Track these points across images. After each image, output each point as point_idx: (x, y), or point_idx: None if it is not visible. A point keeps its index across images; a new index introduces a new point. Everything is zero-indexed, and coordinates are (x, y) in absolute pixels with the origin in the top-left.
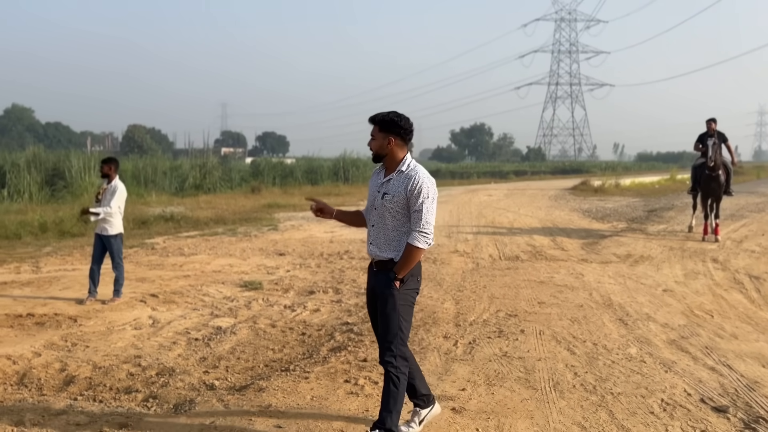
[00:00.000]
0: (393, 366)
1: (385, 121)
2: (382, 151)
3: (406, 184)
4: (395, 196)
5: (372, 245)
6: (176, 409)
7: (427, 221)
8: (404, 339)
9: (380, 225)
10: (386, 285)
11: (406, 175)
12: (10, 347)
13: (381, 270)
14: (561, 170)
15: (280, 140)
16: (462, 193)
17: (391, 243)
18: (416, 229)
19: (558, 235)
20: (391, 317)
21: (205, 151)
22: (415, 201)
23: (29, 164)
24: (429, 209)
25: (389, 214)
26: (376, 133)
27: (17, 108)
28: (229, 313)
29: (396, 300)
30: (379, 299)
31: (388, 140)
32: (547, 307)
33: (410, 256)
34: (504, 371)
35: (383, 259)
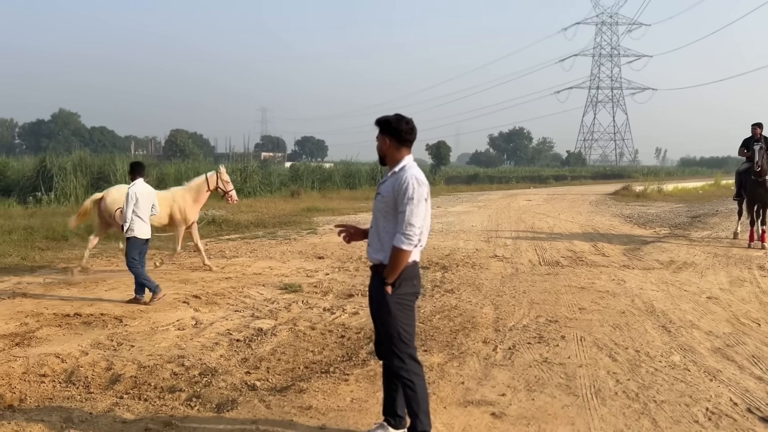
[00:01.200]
0: (404, 370)
1: (383, 123)
2: (381, 153)
3: (394, 185)
4: (385, 196)
5: (369, 247)
6: (219, 408)
7: (410, 222)
8: (409, 341)
9: (374, 227)
10: (379, 290)
11: (397, 176)
12: (58, 346)
13: (375, 274)
14: (602, 175)
15: (319, 144)
16: (500, 197)
17: (382, 245)
18: (399, 230)
19: (599, 241)
20: (388, 322)
21: (245, 156)
22: (400, 201)
23: (75, 168)
24: (413, 211)
25: (381, 215)
26: (378, 136)
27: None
28: (270, 315)
29: (390, 305)
30: (374, 304)
31: (385, 141)
32: (588, 313)
33: (396, 257)
34: (544, 377)
35: (375, 262)
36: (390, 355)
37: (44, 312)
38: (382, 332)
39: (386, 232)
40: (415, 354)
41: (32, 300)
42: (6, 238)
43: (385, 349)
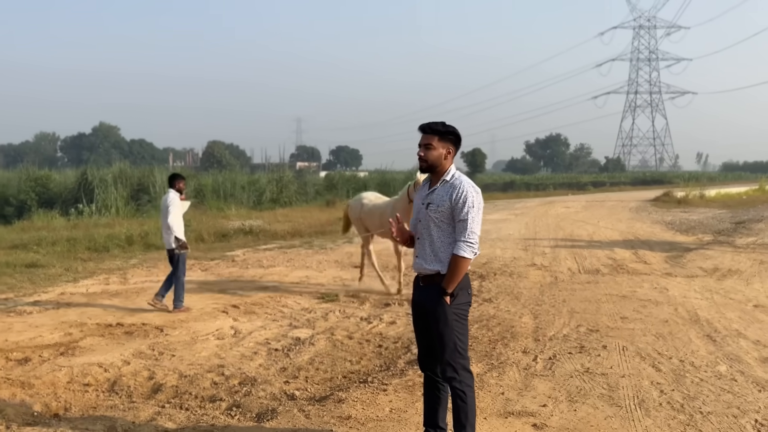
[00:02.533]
0: (457, 381)
1: (447, 132)
2: (438, 162)
3: (450, 194)
4: (440, 206)
5: (418, 259)
6: (259, 418)
7: (473, 230)
8: (463, 351)
9: (426, 237)
10: (436, 301)
11: (450, 184)
12: (101, 355)
13: (428, 285)
14: (641, 181)
15: (353, 154)
16: (538, 205)
17: (437, 255)
18: (462, 238)
19: (640, 248)
20: (445, 333)
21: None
22: (460, 210)
23: (116, 180)
24: (474, 219)
25: (434, 225)
26: (436, 143)
27: (104, 126)
28: (307, 324)
29: (448, 316)
30: (429, 316)
31: (447, 150)
32: (630, 322)
33: (457, 267)
34: (586, 388)
35: (429, 272)
36: (444, 366)
37: (87, 322)
38: (436, 343)
39: (441, 242)
40: (469, 365)
41: (76, 310)
42: (50, 250)
43: (439, 361)
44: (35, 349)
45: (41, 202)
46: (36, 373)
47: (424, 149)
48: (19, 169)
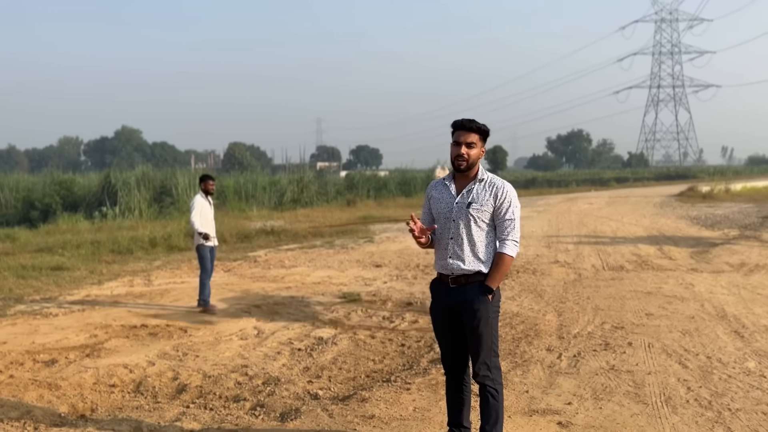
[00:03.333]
0: (489, 379)
1: (486, 132)
2: (477, 161)
3: (494, 193)
4: (483, 204)
5: (452, 259)
6: (283, 417)
7: (518, 229)
8: (497, 350)
9: (464, 236)
10: (479, 300)
11: (489, 183)
12: (126, 356)
13: (464, 285)
14: (665, 176)
15: (374, 153)
16: (560, 201)
17: (477, 255)
18: (509, 237)
19: (665, 244)
20: (485, 333)
21: (301, 166)
22: (506, 210)
23: (138, 182)
24: (518, 216)
25: (475, 225)
26: (477, 141)
27: (126, 129)
28: (330, 323)
29: (490, 314)
30: (467, 315)
31: (482, 150)
32: (656, 318)
33: (504, 265)
34: (612, 385)
35: (468, 272)
36: (480, 365)
37: (112, 324)
38: (474, 344)
39: (481, 241)
40: (499, 363)
41: (100, 312)
42: (74, 253)
43: (475, 361)
44: (61, 350)
45: (66, 205)
46: (62, 375)
47: (466, 147)
48: (44, 174)
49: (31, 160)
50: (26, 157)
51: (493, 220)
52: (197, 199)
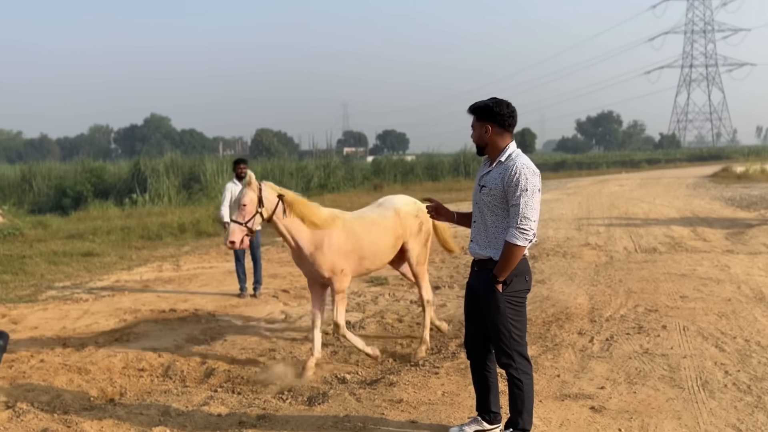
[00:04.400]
0: (513, 368)
1: (481, 109)
2: (481, 142)
3: (503, 176)
4: (492, 188)
5: (473, 243)
6: (310, 401)
7: (525, 216)
8: (520, 338)
9: (480, 221)
10: (489, 288)
11: (504, 166)
12: (155, 341)
13: (482, 270)
14: (698, 157)
15: (400, 138)
16: (591, 184)
17: (490, 240)
18: (514, 224)
19: (699, 225)
20: (498, 321)
21: (328, 152)
22: (512, 194)
23: (167, 169)
24: (528, 203)
25: (487, 209)
26: (474, 123)
27: (155, 117)
28: (357, 308)
29: (500, 303)
30: (482, 302)
31: (485, 129)
32: (691, 301)
33: (509, 255)
34: (646, 369)
35: (482, 258)
36: (500, 353)
37: (141, 309)
38: (490, 330)
39: (495, 227)
40: (526, 351)
41: (130, 297)
42: (105, 239)
43: (494, 347)
44: (91, 335)
45: (96, 192)
46: (92, 359)
47: (472, 130)
48: (75, 162)
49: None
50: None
51: (508, 205)
52: (227, 186)
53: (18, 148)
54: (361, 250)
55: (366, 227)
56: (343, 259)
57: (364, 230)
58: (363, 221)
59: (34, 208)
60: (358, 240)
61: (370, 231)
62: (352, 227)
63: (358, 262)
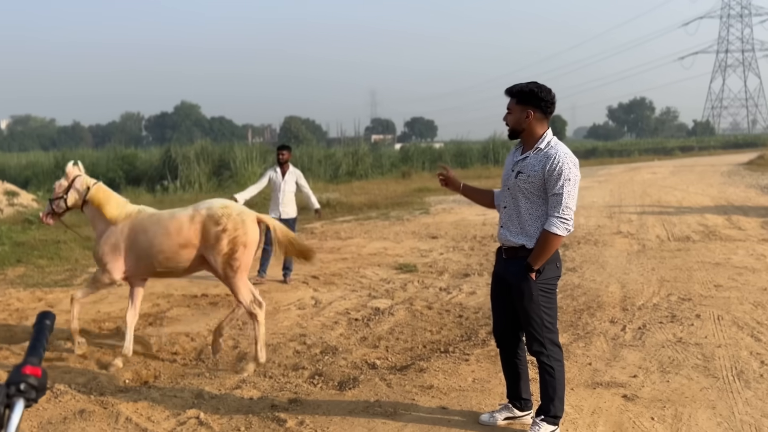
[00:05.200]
0: (544, 355)
1: (524, 93)
2: (519, 126)
3: (543, 164)
4: (531, 176)
5: (503, 229)
6: (341, 386)
7: (568, 206)
8: (551, 326)
9: (512, 207)
10: (520, 276)
11: (544, 153)
12: (187, 325)
13: (512, 258)
14: (733, 144)
15: (428, 125)
16: (622, 171)
17: (523, 228)
18: (555, 214)
19: (733, 214)
20: (530, 309)
21: (356, 139)
22: (554, 183)
23: (198, 157)
24: (570, 193)
25: (522, 196)
26: (513, 106)
27: (186, 104)
28: (386, 294)
29: (533, 291)
30: (513, 290)
31: (526, 114)
32: (725, 290)
33: (547, 243)
34: (679, 358)
35: (514, 245)
36: (531, 340)
37: (174, 293)
38: (521, 318)
39: (529, 215)
40: (557, 339)
41: (163, 282)
42: None
43: (526, 335)
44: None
45: (129, 179)
46: None
47: (507, 113)
48: (108, 149)
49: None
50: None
51: (545, 193)
52: (267, 172)
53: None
54: (137, 249)
55: (147, 226)
56: (111, 254)
57: (143, 229)
58: (150, 220)
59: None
60: (135, 238)
61: (148, 230)
62: (136, 224)
63: (134, 262)
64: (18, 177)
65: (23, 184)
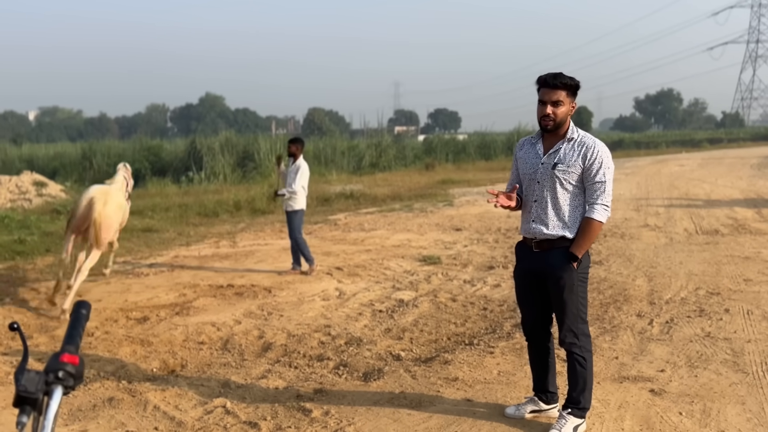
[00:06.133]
0: (576, 346)
1: (574, 85)
2: (566, 118)
3: (583, 153)
4: (571, 166)
5: (534, 223)
6: (366, 377)
7: (609, 192)
8: (584, 317)
9: (547, 200)
10: (562, 267)
11: (579, 142)
12: (214, 315)
13: (548, 250)
14: (763, 136)
15: (452, 116)
16: (650, 163)
17: (562, 219)
18: (599, 201)
19: (764, 207)
20: (570, 300)
21: (379, 131)
22: (596, 172)
23: (222, 148)
24: (610, 180)
25: (561, 187)
26: (565, 99)
27: (210, 96)
28: (410, 286)
29: (574, 281)
30: (551, 282)
31: (573, 105)
32: (755, 284)
33: (591, 231)
34: (708, 353)
35: (551, 237)
36: (566, 332)
37: (200, 283)
38: (557, 310)
39: (568, 205)
40: (588, 330)
41: (189, 272)
42: (163, 215)
43: (560, 328)
44: (152, 308)
45: (154, 170)
46: (154, 332)
47: (552, 106)
48: (133, 140)
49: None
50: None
51: (581, 182)
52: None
53: (78, 126)
54: None
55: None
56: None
57: None
58: None
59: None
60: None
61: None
62: None
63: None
64: (46, 168)
65: (51, 174)
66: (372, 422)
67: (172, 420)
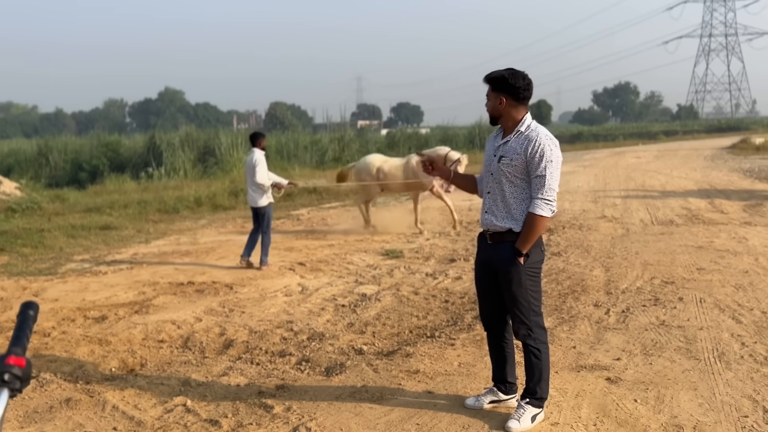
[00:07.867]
0: (531, 338)
1: (496, 80)
2: (496, 113)
3: (525, 147)
4: (513, 159)
5: (487, 214)
6: (328, 372)
7: (551, 187)
8: (538, 309)
9: (497, 192)
10: (509, 261)
11: (525, 136)
12: (174, 313)
13: (498, 242)
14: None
15: (414, 110)
16: (607, 156)
17: (509, 212)
18: (539, 195)
19: (716, 197)
20: (519, 293)
21: (342, 125)
22: (536, 165)
23: (182, 143)
24: (553, 174)
25: (506, 180)
26: (489, 93)
27: (170, 91)
28: (373, 280)
29: (521, 275)
30: (500, 275)
31: (499, 100)
32: (708, 273)
33: (534, 226)
34: (662, 341)
35: (500, 230)
36: (518, 325)
37: (160, 281)
38: (508, 303)
39: (514, 198)
40: (543, 322)
41: (148, 270)
42: (122, 212)
43: (513, 320)
44: (111, 307)
45: (112, 166)
46: (112, 331)
47: (487, 101)
48: (91, 136)
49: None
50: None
51: (528, 176)
52: (262, 156)
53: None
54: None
55: None
56: None
57: None
58: None
59: (51, 182)
60: None
61: None
62: None
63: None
64: (0, 165)
65: (6, 172)
66: (334, 417)
67: (131, 420)
